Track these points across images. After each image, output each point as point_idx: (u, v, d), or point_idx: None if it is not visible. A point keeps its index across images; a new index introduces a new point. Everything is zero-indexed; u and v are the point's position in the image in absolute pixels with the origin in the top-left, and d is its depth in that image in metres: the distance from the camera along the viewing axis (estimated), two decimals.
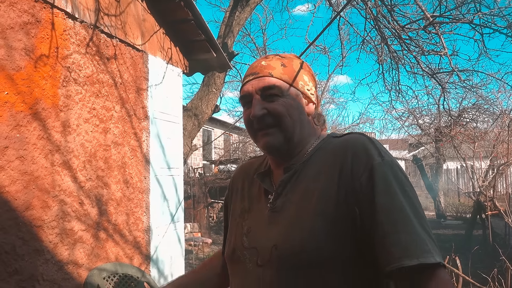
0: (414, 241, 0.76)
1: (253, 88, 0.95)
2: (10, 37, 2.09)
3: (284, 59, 0.99)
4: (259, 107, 0.93)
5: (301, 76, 0.98)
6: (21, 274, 2.13)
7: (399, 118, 12.18)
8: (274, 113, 0.93)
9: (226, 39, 5.97)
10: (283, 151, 0.95)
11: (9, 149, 2.07)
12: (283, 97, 0.94)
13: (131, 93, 3.06)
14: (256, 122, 0.94)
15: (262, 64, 0.98)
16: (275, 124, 0.93)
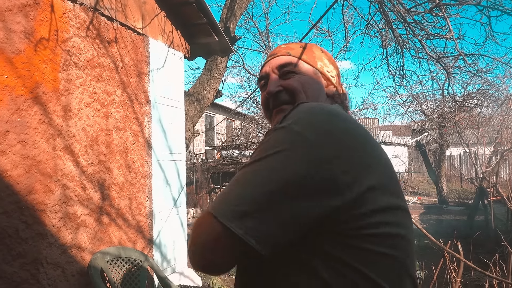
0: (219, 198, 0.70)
1: (270, 67, 0.95)
2: (9, 19, 2.06)
3: (302, 44, 0.99)
4: (274, 85, 0.92)
5: (320, 58, 0.97)
6: (25, 257, 2.14)
7: (403, 103, 12.11)
8: (289, 89, 0.90)
9: (228, 23, 5.90)
10: None
11: (10, 133, 2.06)
12: (299, 74, 0.92)
13: (132, 78, 3.04)
14: (271, 100, 0.92)
15: (281, 47, 0.98)
16: (290, 101, 0.90)
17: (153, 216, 3.24)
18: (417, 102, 11.78)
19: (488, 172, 6.32)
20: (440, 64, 5.24)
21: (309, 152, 0.66)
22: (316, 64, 0.95)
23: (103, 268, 2.61)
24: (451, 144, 13.54)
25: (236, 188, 0.69)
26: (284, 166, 0.66)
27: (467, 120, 8.47)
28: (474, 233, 5.84)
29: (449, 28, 2.68)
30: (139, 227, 3.10)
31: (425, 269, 5.19)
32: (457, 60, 5.60)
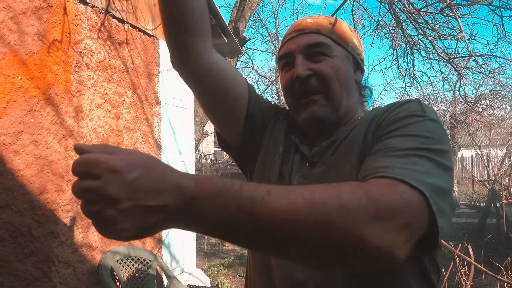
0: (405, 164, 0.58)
1: (296, 46, 0.82)
2: (23, 22, 2.10)
3: (330, 19, 0.86)
4: (303, 67, 0.79)
5: (350, 38, 0.85)
6: (37, 256, 2.18)
7: None
8: (320, 75, 0.80)
9: (238, 24, 5.92)
10: (330, 124, 0.82)
11: (23, 134, 2.10)
12: (331, 58, 0.81)
13: (142, 79, 3.07)
14: (299, 85, 0.80)
15: (307, 21, 0.85)
16: (321, 90, 0.80)
17: None
18: (428, 103, 11.68)
19: (501, 175, 6.23)
20: (451, 65, 5.19)
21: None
22: (347, 45, 0.84)
23: (113, 267, 2.64)
24: (463, 146, 13.38)
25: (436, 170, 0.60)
26: (451, 165, 0.64)
27: (479, 122, 8.37)
28: (485, 236, 5.77)
29: (461, 28, 2.65)
30: None
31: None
32: (469, 61, 5.54)
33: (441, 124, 0.69)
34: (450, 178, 0.62)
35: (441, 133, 0.66)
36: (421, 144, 0.61)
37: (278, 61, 0.87)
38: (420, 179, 0.54)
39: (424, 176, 0.56)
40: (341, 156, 0.77)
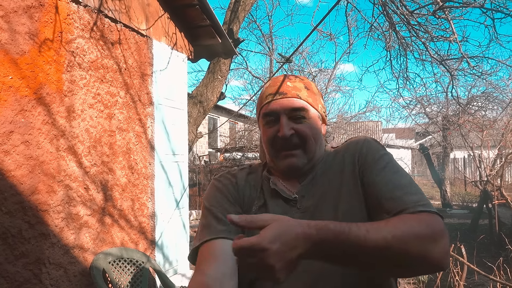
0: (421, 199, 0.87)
1: (281, 107, 0.98)
2: (14, 21, 2.07)
3: (304, 81, 1.04)
4: (287, 127, 0.96)
5: (319, 99, 1.05)
6: (28, 257, 2.15)
7: (407, 106, 12.08)
8: (301, 135, 0.97)
9: (232, 25, 5.91)
10: (303, 171, 1.00)
11: (14, 134, 2.07)
12: (308, 119, 0.99)
13: (135, 79, 3.05)
14: (281, 142, 0.97)
15: (288, 84, 1.01)
16: (300, 146, 0.97)
17: (155, 217, 3.25)
18: (421, 105, 11.75)
19: (492, 176, 6.27)
20: (444, 66, 5.23)
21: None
22: (318, 107, 1.03)
23: (105, 268, 2.62)
24: (455, 147, 13.47)
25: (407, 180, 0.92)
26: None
27: (471, 123, 8.43)
28: (478, 236, 5.80)
29: (453, 30, 2.67)
30: (141, 228, 3.10)
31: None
32: (461, 62, 5.58)
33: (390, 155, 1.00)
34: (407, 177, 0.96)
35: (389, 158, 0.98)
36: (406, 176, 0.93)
37: (262, 116, 1.01)
38: (428, 203, 0.85)
39: (426, 199, 0.87)
40: (326, 187, 0.98)
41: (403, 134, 21.41)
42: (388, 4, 4.68)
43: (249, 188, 1.04)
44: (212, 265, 0.89)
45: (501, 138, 7.66)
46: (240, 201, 1.02)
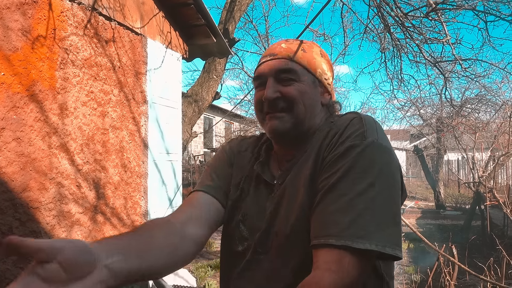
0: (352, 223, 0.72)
1: (269, 69, 0.92)
2: (7, 17, 2.07)
3: (305, 44, 0.95)
4: (272, 90, 0.89)
5: (319, 64, 0.95)
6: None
7: (401, 108, 12.14)
8: (287, 97, 0.89)
9: (227, 25, 5.91)
10: (289, 138, 0.92)
11: (5, 131, 2.06)
12: (298, 82, 0.90)
13: (129, 77, 3.05)
14: (267, 105, 0.90)
15: (282, 46, 0.94)
16: (286, 109, 0.89)
17: (148, 215, 3.24)
18: (415, 107, 11.82)
19: (485, 177, 6.33)
20: (438, 68, 5.27)
21: (396, 161, 0.81)
22: (316, 71, 0.93)
23: None
24: (449, 149, 13.56)
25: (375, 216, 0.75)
26: (394, 184, 0.78)
27: (465, 125, 8.49)
28: (470, 237, 5.85)
29: (445, 32, 2.70)
30: (134, 227, 3.10)
31: (421, 273, 5.20)
32: (455, 65, 5.63)
33: (378, 145, 0.79)
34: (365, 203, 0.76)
35: (375, 156, 0.78)
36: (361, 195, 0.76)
37: (253, 80, 0.95)
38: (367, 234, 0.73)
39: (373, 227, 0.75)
40: (294, 175, 0.88)
41: (397, 136, 21.53)
42: (383, 6, 4.71)
43: (248, 156, 1.03)
44: (183, 209, 0.94)
45: (493, 140, 7.73)
46: (234, 165, 1.03)
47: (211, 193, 0.97)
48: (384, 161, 0.78)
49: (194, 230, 0.89)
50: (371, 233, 0.71)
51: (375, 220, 0.72)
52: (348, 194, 0.74)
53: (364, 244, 0.70)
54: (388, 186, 0.76)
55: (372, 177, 0.75)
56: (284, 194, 0.88)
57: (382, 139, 0.81)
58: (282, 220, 0.86)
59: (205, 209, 0.95)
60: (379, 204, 0.74)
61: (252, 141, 1.08)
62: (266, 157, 1.00)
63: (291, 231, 0.84)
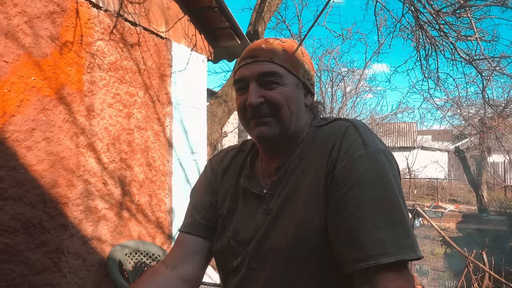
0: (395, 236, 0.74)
1: (250, 73, 0.88)
2: (37, 25, 2.23)
3: (285, 44, 0.92)
4: (256, 95, 0.86)
5: (302, 64, 0.92)
6: (48, 246, 2.30)
7: (441, 107, 11.67)
8: (272, 103, 0.87)
9: (257, 26, 5.97)
10: (277, 143, 0.91)
11: (36, 131, 2.23)
12: (282, 86, 0.88)
13: (154, 80, 3.17)
14: (251, 111, 0.88)
15: (262, 47, 0.90)
16: (271, 114, 0.87)
17: (173, 213, 3.36)
18: (456, 106, 11.31)
19: None
20: (474, 67, 5.04)
21: (395, 161, 0.85)
22: (298, 73, 0.91)
23: (121, 260, 2.75)
24: (494, 151, 12.86)
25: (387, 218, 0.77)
26: (399, 186, 0.81)
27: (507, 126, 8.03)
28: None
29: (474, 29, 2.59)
30: (158, 223, 3.22)
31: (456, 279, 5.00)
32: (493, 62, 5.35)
33: (381, 151, 0.82)
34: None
35: (379, 163, 0.80)
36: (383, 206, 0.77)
37: (234, 83, 0.93)
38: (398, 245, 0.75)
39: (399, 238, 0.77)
40: (294, 187, 0.87)
41: (438, 136, 20.68)
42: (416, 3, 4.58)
43: (232, 172, 1.02)
44: (172, 253, 1.01)
45: None
46: (217, 190, 1.03)
47: (191, 231, 1.02)
48: (390, 165, 0.81)
49: (184, 270, 0.98)
50: (413, 240, 0.75)
51: (408, 224, 0.76)
52: (378, 207, 0.75)
53: (416, 253, 0.74)
54: (400, 188, 0.81)
55: (390, 184, 0.78)
56: (282, 207, 0.87)
57: (380, 144, 0.83)
58: (279, 234, 0.85)
59: (190, 247, 1.01)
60: (405, 207, 0.78)
61: (234, 154, 1.06)
62: (251, 169, 0.99)
63: (288, 246, 0.82)
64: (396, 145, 20.29)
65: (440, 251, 7.77)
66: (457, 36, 4.54)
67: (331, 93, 11.58)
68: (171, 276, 0.97)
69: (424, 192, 17.98)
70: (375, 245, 0.73)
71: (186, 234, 1.02)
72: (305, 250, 0.81)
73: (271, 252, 0.85)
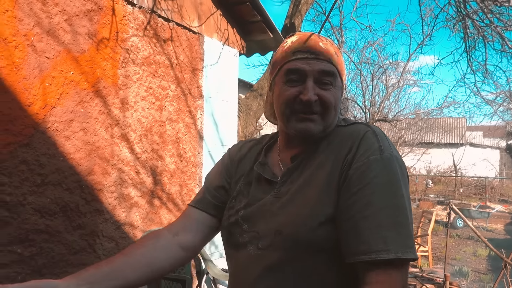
0: (398, 235, 0.80)
1: (311, 68, 0.92)
2: (76, 23, 2.39)
3: (334, 46, 0.98)
4: (312, 91, 0.91)
5: (345, 69, 1.01)
6: (84, 229, 2.48)
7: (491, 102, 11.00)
8: (324, 102, 0.92)
9: (293, 19, 5.95)
10: (316, 139, 0.96)
11: (74, 122, 2.40)
12: (334, 87, 0.94)
13: (186, 73, 3.28)
14: (303, 106, 0.92)
15: (320, 45, 0.95)
16: (320, 112, 0.93)
17: None
18: (509, 101, 10.61)
19: None
20: None
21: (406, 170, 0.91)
22: (344, 77, 0.98)
23: None
24: None
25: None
26: (407, 192, 0.87)
27: None
28: None
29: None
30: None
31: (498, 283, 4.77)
32: None
33: (395, 158, 0.87)
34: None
35: (392, 169, 0.86)
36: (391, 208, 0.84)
37: (286, 72, 0.94)
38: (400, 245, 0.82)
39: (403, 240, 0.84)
40: (308, 179, 0.92)
41: (489, 133, 19.51)
42: None
43: (248, 160, 1.08)
44: (177, 221, 1.09)
45: None
46: (232, 175, 1.10)
47: (199, 206, 1.09)
48: (402, 173, 0.87)
49: (185, 238, 1.05)
50: (413, 242, 0.82)
51: (409, 227, 0.82)
52: (386, 208, 0.81)
53: (414, 254, 0.80)
54: (408, 195, 0.87)
55: (400, 189, 0.84)
56: (293, 194, 0.92)
57: (395, 151, 0.89)
58: (288, 219, 0.89)
59: (195, 219, 1.08)
60: (410, 213, 0.84)
61: (252, 145, 1.13)
62: (265, 157, 1.05)
63: (296, 232, 0.87)
64: (442, 141, 19.40)
65: (483, 252, 7.41)
66: (504, 26, 4.28)
67: (372, 86, 11.28)
68: (172, 241, 1.04)
69: (472, 191, 17.10)
70: (378, 242, 0.79)
71: (194, 208, 1.10)
72: (312, 237, 0.85)
73: (279, 235, 0.89)
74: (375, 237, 0.79)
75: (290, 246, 0.87)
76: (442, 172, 18.73)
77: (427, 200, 13.60)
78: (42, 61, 2.20)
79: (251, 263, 0.93)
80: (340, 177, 0.87)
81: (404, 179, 0.86)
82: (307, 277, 0.86)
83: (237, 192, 1.05)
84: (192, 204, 1.11)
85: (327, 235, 0.85)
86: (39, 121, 2.21)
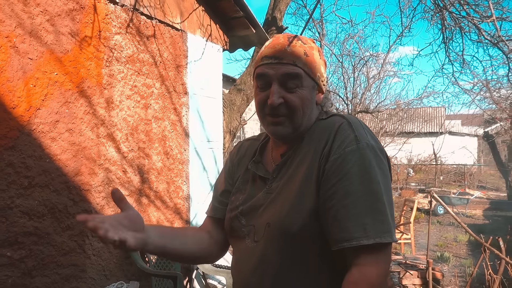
0: (375, 221, 0.86)
1: (275, 73, 0.96)
2: (58, 23, 2.36)
3: (305, 46, 1.00)
4: (277, 95, 0.95)
5: (319, 67, 1.01)
6: (73, 230, 2.48)
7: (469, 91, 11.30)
8: (290, 105, 0.96)
9: (275, 13, 5.96)
10: (289, 139, 1.02)
11: (59, 123, 2.38)
12: (301, 88, 0.97)
13: (170, 71, 3.28)
14: (269, 109, 0.97)
15: (286, 49, 0.98)
16: (287, 115, 0.97)
17: (190, 199, 3.50)
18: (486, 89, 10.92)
19: None
20: (499, 48, 4.88)
21: (385, 156, 0.96)
22: (315, 76, 1.00)
23: None
24: None
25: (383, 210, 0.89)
26: (387, 180, 0.93)
27: None
28: None
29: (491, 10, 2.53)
30: (176, 209, 3.37)
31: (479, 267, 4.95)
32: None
33: (371, 147, 0.92)
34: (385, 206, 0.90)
35: (369, 157, 0.91)
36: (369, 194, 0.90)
37: (255, 77, 1.01)
38: (382, 229, 0.89)
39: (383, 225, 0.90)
40: (292, 173, 0.99)
41: (468, 121, 20.03)
42: None
43: (246, 159, 1.15)
44: (203, 224, 1.23)
45: None
46: (234, 176, 1.17)
47: (212, 214, 1.19)
48: (378, 160, 0.91)
49: (216, 235, 1.16)
50: (390, 226, 0.87)
51: (388, 212, 0.88)
52: (363, 196, 0.87)
53: (392, 237, 0.87)
54: (387, 180, 0.92)
55: (375, 176, 0.88)
56: (281, 188, 0.99)
57: (372, 139, 0.93)
58: (274, 211, 0.97)
59: (211, 226, 1.19)
60: (387, 198, 0.89)
61: (249, 144, 1.20)
62: (260, 156, 1.11)
63: (281, 223, 0.94)
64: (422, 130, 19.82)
65: (463, 238, 7.66)
66: (480, 18, 4.41)
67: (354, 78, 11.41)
68: (208, 236, 1.16)
69: (451, 179, 17.57)
70: (358, 229, 0.85)
71: (208, 217, 1.22)
72: (295, 227, 0.92)
73: (268, 227, 0.97)
74: (355, 224, 0.85)
75: (278, 237, 0.94)
76: (423, 161, 19.17)
77: (408, 188, 13.91)
78: (26, 62, 2.18)
79: (248, 255, 1.00)
80: (318, 170, 0.92)
81: (380, 165, 0.91)
82: (296, 265, 0.93)
83: (236, 189, 1.12)
84: (207, 213, 1.22)
85: (311, 225, 0.91)
86: (24, 123, 2.19)
